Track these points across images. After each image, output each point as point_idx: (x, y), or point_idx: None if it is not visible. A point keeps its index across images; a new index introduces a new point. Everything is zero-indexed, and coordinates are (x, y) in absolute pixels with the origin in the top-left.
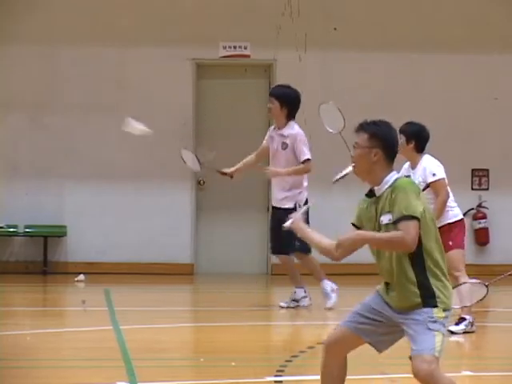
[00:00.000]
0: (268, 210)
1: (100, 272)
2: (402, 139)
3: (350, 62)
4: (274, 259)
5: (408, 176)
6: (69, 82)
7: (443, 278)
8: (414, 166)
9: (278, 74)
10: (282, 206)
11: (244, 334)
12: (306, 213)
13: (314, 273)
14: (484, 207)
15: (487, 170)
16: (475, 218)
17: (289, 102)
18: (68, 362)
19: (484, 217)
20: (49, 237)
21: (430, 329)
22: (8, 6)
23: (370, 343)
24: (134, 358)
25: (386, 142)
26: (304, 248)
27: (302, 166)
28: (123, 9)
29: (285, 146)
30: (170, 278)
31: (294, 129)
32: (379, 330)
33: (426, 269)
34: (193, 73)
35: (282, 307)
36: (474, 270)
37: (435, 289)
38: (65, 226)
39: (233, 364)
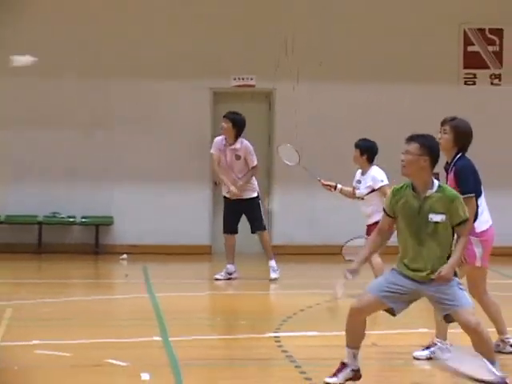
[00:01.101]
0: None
1: (139, 252)
2: (356, 152)
3: (332, 90)
4: (275, 239)
5: (359, 181)
6: (116, 108)
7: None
8: (364, 173)
9: (276, 100)
10: (246, 197)
11: (249, 301)
12: None
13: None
14: None
15: (438, 174)
16: None
17: (239, 124)
18: (114, 322)
19: None
20: (99, 225)
21: (461, 289)
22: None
23: (392, 308)
24: (166, 318)
25: (433, 152)
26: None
27: (251, 171)
28: (154, 47)
29: (238, 157)
30: (193, 256)
31: (243, 142)
32: (401, 298)
33: (450, 249)
34: (210, 99)
35: (218, 279)
36: None
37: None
38: (112, 217)
39: (242, 323)
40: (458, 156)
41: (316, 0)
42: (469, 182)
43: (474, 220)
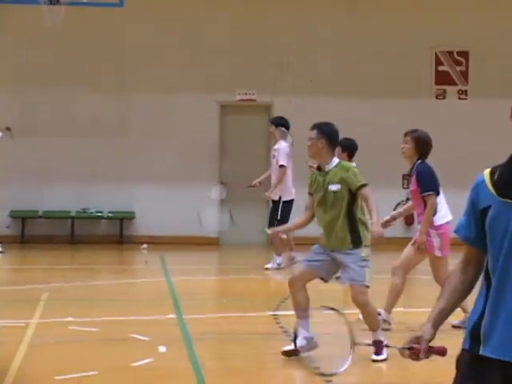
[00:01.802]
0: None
1: (157, 242)
2: (338, 149)
3: (322, 103)
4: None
5: None
6: (136, 118)
7: (366, 226)
8: None
9: (274, 113)
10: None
11: (252, 284)
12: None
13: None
14: (410, 199)
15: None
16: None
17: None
18: (135, 302)
19: None
20: (123, 219)
21: (362, 266)
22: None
23: (322, 276)
24: (180, 298)
25: (329, 135)
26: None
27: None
28: (170, 65)
29: (273, 156)
30: (203, 246)
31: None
32: (326, 266)
33: (357, 219)
34: (218, 111)
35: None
36: (402, 243)
37: (361, 234)
38: (134, 212)
39: (246, 303)
40: (419, 162)
41: (307, 28)
42: (428, 183)
43: (434, 215)
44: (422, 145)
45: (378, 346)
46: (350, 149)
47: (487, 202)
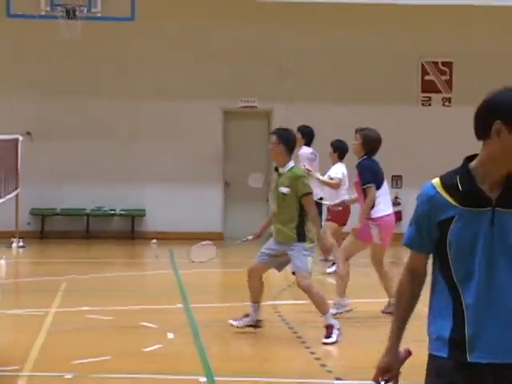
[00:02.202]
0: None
1: (166, 238)
2: (330, 149)
3: (316, 110)
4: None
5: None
6: (146, 124)
7: (310, 225)
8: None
9: (274, 118)
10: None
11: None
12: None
13: None
14: (399, 198)
15: (401, 176)
16: (393, 205)
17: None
18: (146, 292)
19: (399, 204)
20: (135, 216)
21: (304, 255)
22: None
23: (275, 267)
24: (187, 289)
25: (286, 141)
26: None
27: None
28: (177, 75)
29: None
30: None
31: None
32: (278, 258)
33: (303, 219)
34: (221, 117)
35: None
36: (393, 238)
37: (306, 231)
38: (144, 209)
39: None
40: (364, 157)
41: (304, 41)
42: (367, 176)
43: (372, 207)
44: (369, 142)
45: (329, 330)
46: (340, 149)
47: (446, 213)
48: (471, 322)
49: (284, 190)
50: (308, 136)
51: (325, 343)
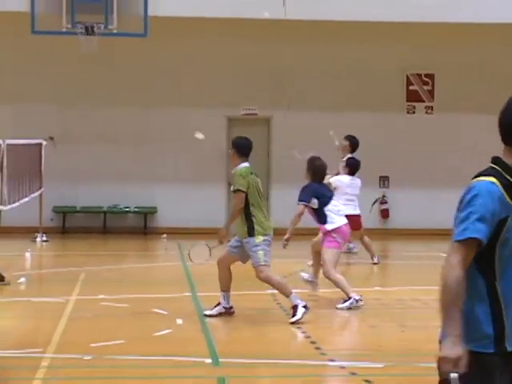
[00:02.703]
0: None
1: (175, 233)
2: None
3: (311, 118)
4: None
5: None
6: (157, 129)
7: (262, 219)
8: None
9: (273, 125)
10: None
11: (251, 268)
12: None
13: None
14: (386, 197)
15: (388, 177)
16: (381, 203)
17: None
18: (157, 282)
19: (386, 202)
20: (147, 213)
21: (255, 251)
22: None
23: (240, 259)
24: (194, 279)
25: (237, 147)
26: None
27: None
28: (185, 84)
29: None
30: (213, 235)
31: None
32: (242, 252)
33: (250, 214)
34: (225, 123)
35: None
36: (381, 233)
37: (256, 225)
38: (156, 207)
39: (248, 283)
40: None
41: (299, 56)
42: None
43: (324, 223)
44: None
45: (294, 309)
46: (354, 145)
47: (506, 212)
48: (509, 314)
49: (232, 188)
50: (355, 145)
51: (292, 322)
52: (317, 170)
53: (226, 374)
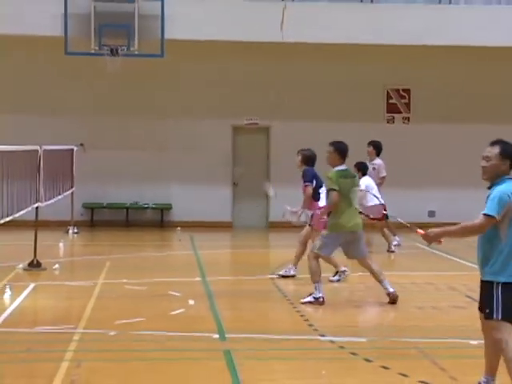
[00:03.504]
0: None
1: (188, 226)
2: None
3: (305, 127)
4: (271, 218)
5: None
6: (172, 137)
7: (339, 219)
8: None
9: (271, 133)
10: None
11: (255, 255)
12: None
13: None
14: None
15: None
16: None
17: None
18: (172, 268)
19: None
20: (163, 209)
21: (318, 240)
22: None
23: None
24: (204, 266)
25: (339, 150)
26: None
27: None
28: (196, 98)
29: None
30: (220, 228)
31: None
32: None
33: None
34: (231, 131)
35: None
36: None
37: (330, 221)
38: (171, 204)
39: (251, 268)
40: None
41: (295, 74)
42: (306, 178)
43: (317, 200)
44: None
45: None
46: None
47: None
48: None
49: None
50: (378, 148)
51: (302, 302)
52: (308, 157)
53: (231, 348)
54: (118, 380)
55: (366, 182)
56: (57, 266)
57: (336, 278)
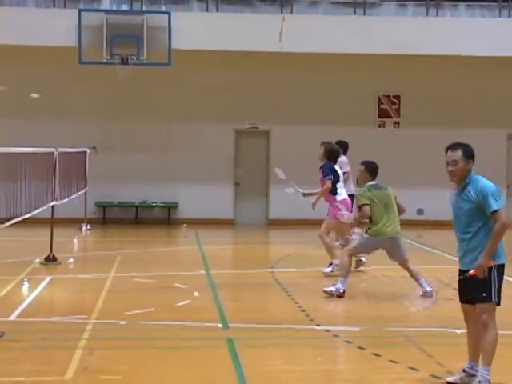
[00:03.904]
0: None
1: (193, 223)
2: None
3: (302, 131)
4: (271, 216)
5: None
6: (178, 140)
7: (379, 225)
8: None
9: (271, 136)
10: None
11: (256, 251)
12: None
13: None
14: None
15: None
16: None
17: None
18: (178, 262)
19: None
20: (170, 207)
21: (359, 239)
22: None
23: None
24: (209, 260)
25: (369, 168)
26: None
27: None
28: (201, 104)
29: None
30: (223, 225)
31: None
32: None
33: (371, 220)
34: (234, 135)
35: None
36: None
37: (371, 228)
38: (177, 202)
39: (251, 262)
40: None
41: (293, 81)
42: (326, 173)
43: (335, 194)
44: (331, 152)
45: (334, 285)
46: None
47: None
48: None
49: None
50: (344, 147)
51: (324, 290)
52: (330, 151)
53: (233, 336)
54: (128, 366)
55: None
56: (71, 260)
57: (329, 269)
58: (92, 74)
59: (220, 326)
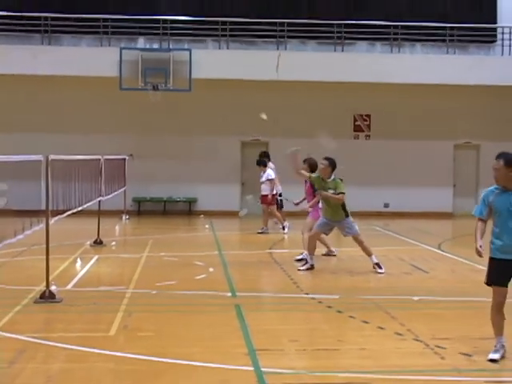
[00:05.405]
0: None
1: (209, 214)
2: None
3: (294, 142)
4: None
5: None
6: (194, 149)
7: (347, 209)
8: (264, 172)
9: (271, 148)
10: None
11: (257, 236)
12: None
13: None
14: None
15: (341, 179)
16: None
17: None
18: (196, 245)
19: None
20: (191, 202)
21: (352, 225)
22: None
23: (325, 232)
24: (221, 244)
25: (333, 164)
26: None
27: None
28: (211, 119)
29: None
30: (232, 216)
31: None
32: (329, 228)
33: (345, 205)
34: (240, 146)
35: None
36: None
37: (348, 211)
38: (196, 198)
39: (254, 245)
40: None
41: (287, 102)
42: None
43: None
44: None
45: (377, 265)
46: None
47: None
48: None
49: (330, 191)
50: (267, 157)
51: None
52: (311, 164)
53: (239, 302)
54: (157, 326)
55: (269, 172)
56: (114, 243)
57: (300, 257)
58: (130, 98)
59: (229, 294)
